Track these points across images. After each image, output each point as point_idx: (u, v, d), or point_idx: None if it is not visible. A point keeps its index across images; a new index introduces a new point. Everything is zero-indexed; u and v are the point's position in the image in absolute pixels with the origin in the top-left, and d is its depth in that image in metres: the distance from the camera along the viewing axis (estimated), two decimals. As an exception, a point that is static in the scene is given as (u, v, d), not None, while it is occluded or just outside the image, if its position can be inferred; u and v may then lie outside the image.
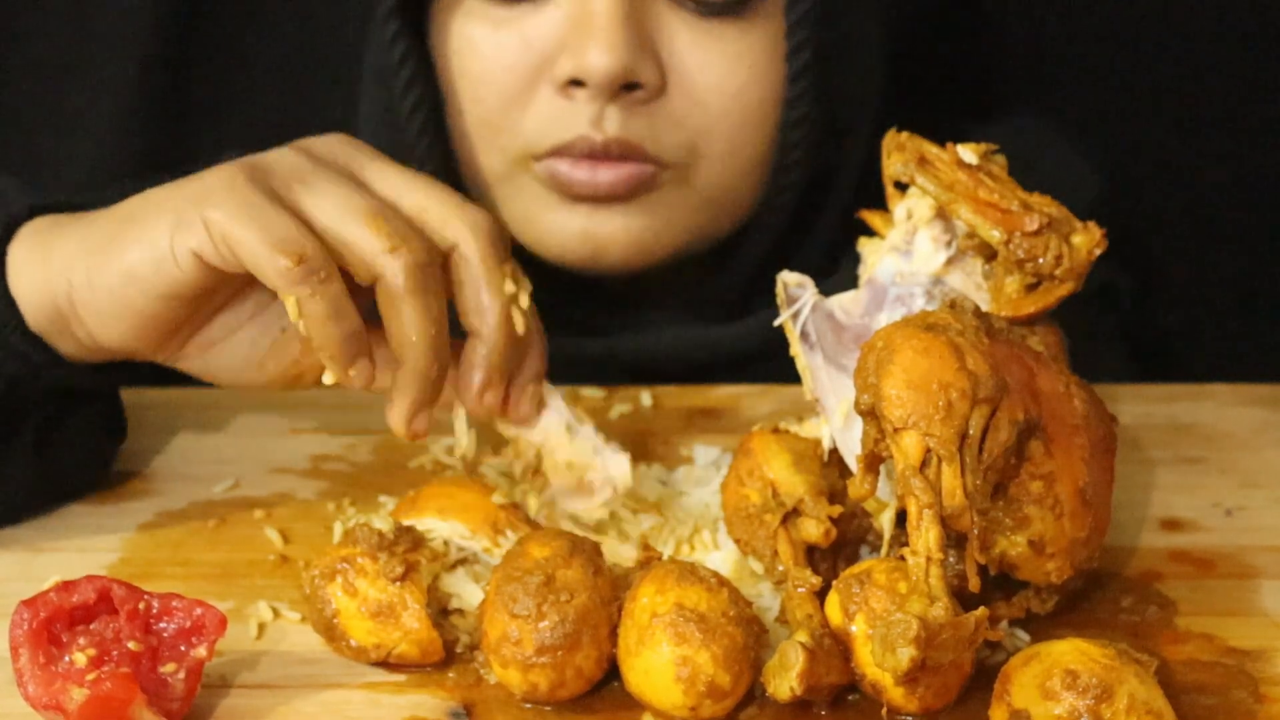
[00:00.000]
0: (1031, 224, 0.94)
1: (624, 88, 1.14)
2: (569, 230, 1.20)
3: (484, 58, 1.18)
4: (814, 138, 1.21)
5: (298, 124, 1.52)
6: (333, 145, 0.97)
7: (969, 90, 1.57)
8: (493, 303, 0.95)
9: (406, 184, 0.96)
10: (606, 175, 1.16)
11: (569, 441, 1.01)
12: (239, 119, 1.58)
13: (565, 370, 1.26)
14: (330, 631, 0.91)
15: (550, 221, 1.20)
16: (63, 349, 0.98)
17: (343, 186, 0.93)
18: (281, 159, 0.95)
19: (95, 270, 0.94)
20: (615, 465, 1.01)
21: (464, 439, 1.01)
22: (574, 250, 1.20)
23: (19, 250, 0.97)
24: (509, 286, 0.95)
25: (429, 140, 1.23)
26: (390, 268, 0.92)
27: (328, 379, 0.97)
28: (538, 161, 1.18)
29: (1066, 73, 1.58)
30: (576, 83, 1.14)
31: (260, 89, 1.58)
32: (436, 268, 0.94)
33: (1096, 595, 0.97)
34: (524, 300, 0.96)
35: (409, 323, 0.93)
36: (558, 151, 1.16)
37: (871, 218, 1.04)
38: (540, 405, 1.00)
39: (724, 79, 1.16)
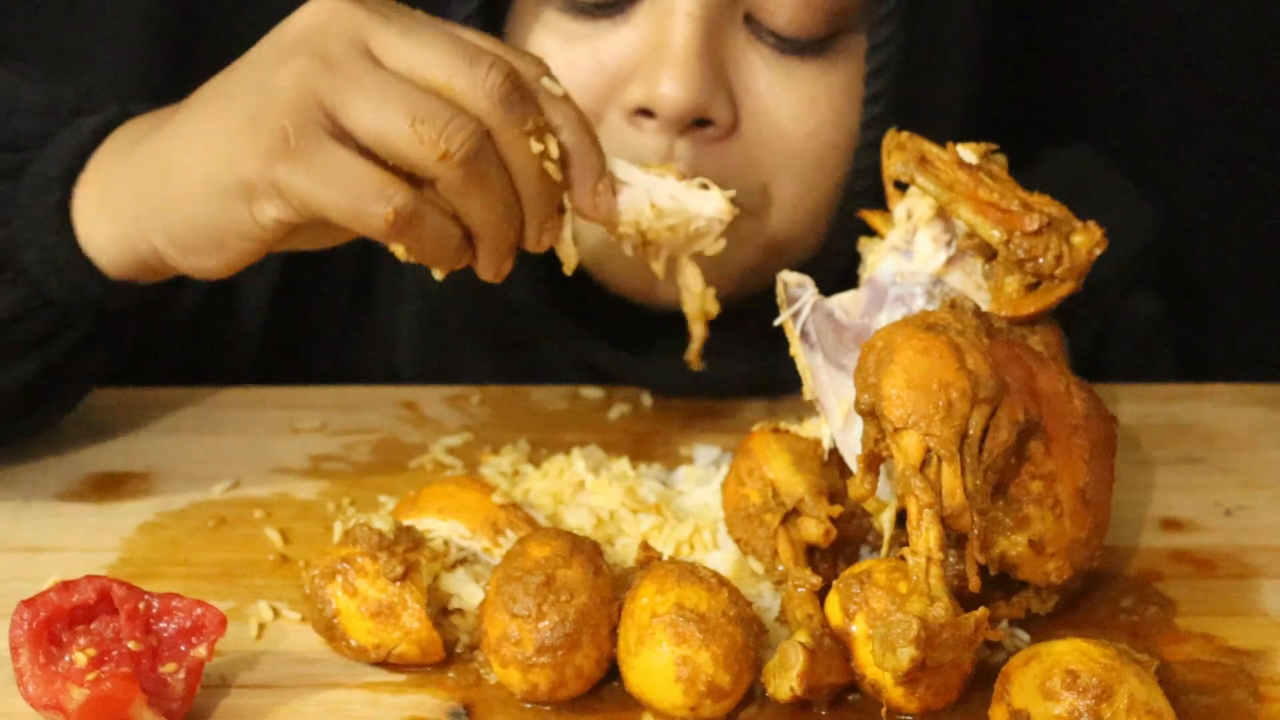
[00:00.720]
0: (1031, 224, 0.94)
1: (695, 123, 1.10)
2: (629, 261, 1.14)
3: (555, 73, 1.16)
4: (879, 184, 1.14)
5: None
6: (348, 20, 0.95)
7: (1031, 121, 1.55)
8: (522, 170, 0.95)
9: (420, 59, 0.94)
10: None
11: (658, 206, 1.01)
12: None
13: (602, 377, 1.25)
14: (330, 631, 0.91)
15: (614, 248, 1.14)
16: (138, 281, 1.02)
17: (378, 84, 0.92)
18: (322, 56, 0.93)
19: (176, 233, 0.97)
20: (706, 204, 1.01)
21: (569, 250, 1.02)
22: (632, 281, 1.17)
23: (84, 205, 1.00)
24: (535, 146, 0.95)
25: None
26: (445, 175, 0.92)
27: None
28: None
29: (1125, 105, 1.56)
30: (646, 112, 1.10)
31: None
32: (488, 146, 0.93)
33: (1096, 595, 0.97)
34: (553, 150, 0.96)
35: (477, 211, 0.94)
36: None
37: (872, 218, 1.04)
38: (613, 194, 1.00)
39: (799, 121, 1.12)
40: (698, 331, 1.07)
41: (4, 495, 1.08)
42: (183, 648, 0.86)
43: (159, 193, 0.97)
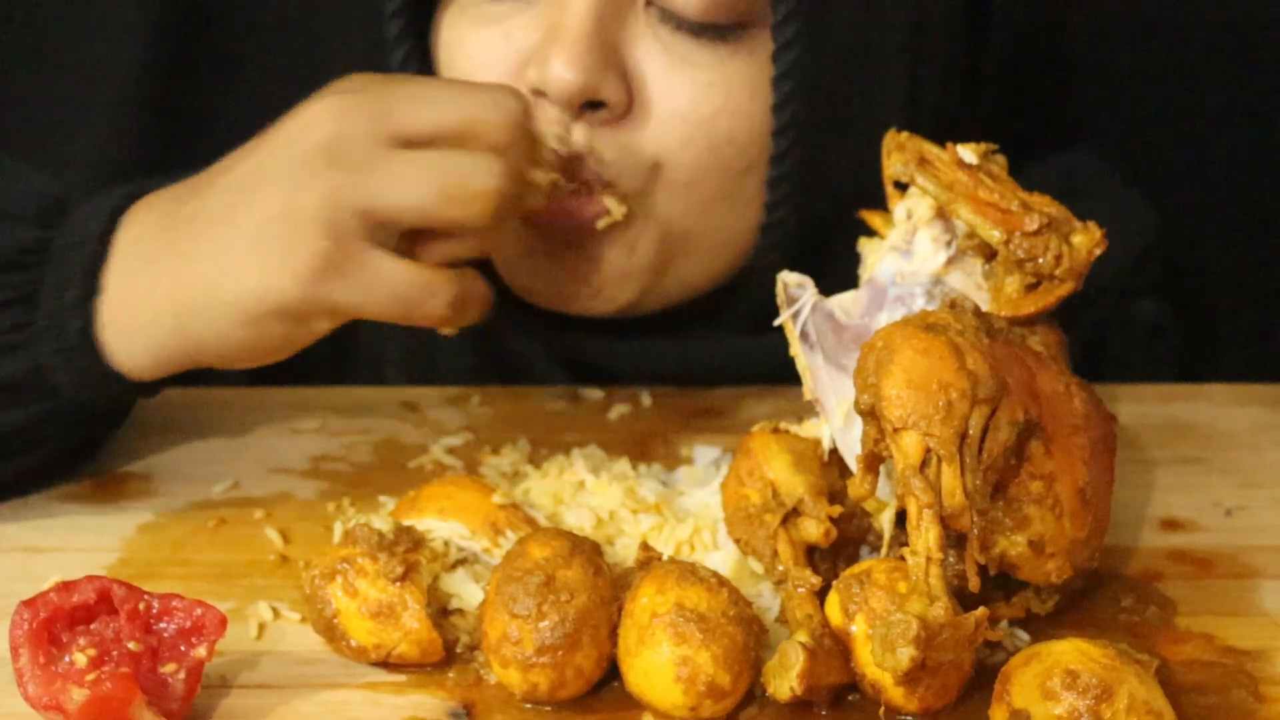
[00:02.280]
0: (1031, 224, 0.94)
1: (588, 105, 1.10)
2: (534, 256, 1.16)
3: (467, 55, 1.15)
4: (803, 197, 1.15)
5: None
6: (362, 117, 0.97)
7: (1028, 127, 1.55)
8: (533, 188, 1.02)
9: (433, 105, 0.98)
10: (562, 207, 1.12)
11: None
12: (238, 117, 1.58)
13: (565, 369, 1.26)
14: (330, 631, 0.91)
15: (524, 250, 1.16)
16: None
17: (400, 166, 0.96)
18: (340, 163, 0.95)
19: (220, 350, 0.99)
20: None
21: None
22: (537, 281, 1.17)
23: (111, 324, 1.00)
24: (539, 177, 1.01)
25: None
26: (485, 212, 0.97)
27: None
28: None
29: (1125, 109, 1.56)
30: (541, 93, 1.10)
31: (259, 85, 1.58)
32: (514, 181, 0.99)
33: (1096, 595, 0.97)
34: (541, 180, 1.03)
35: (507, 241, 1.04)
36: None
37: (871, 218, 1.04)
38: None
39: (691, 106, 1.11)
40: None
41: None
42: (183, 648, 0.86)
43: (194, 316, 0.98)
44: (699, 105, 1.12)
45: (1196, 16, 1.53)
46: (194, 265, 0.97)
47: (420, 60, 1.19)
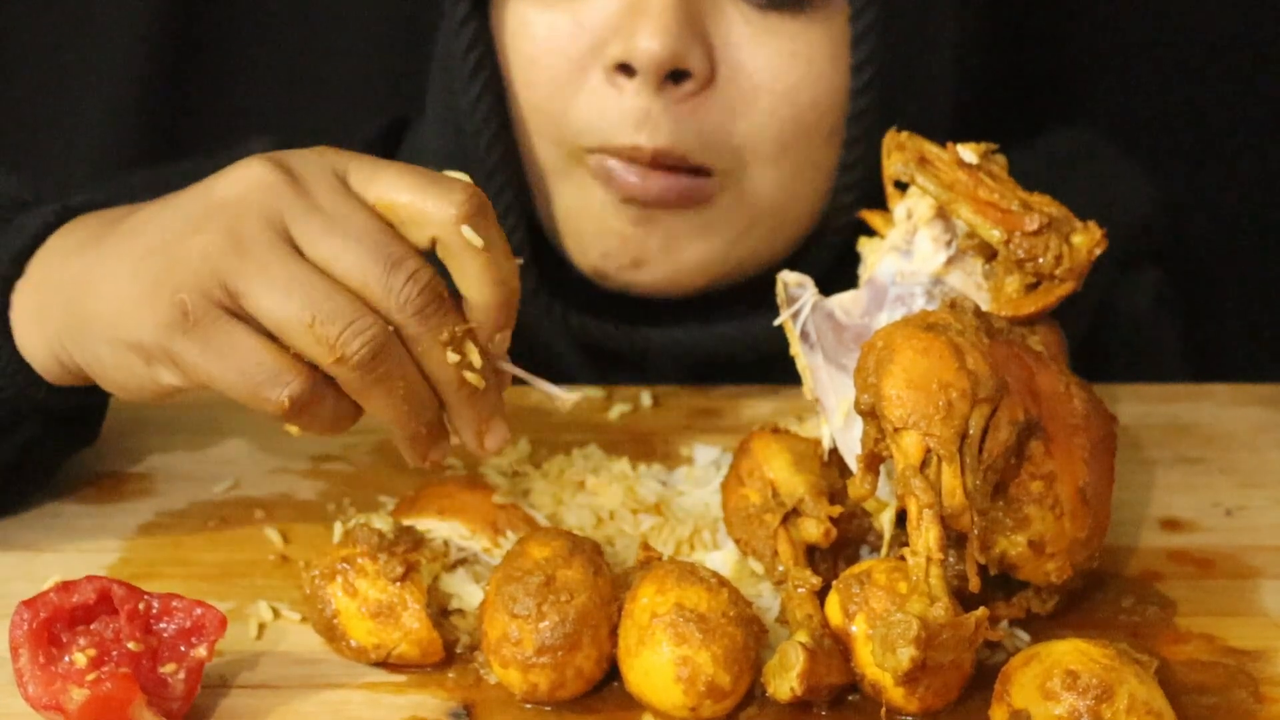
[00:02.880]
0: (1031, 224, 0.94)
1: (672, 76, 1.10)
2: (610, 235, 1.17)
3: (535, 39, 1.15)
4: (875, 155, 1.13)
5: (295, 120, 1.52)
6: (273, 199, 0.92)
7: (1031, 101, 1.55)
8: (439, 378, 0.93)
9: (339, 259, 0.91)
10: (656, 183, 1.13)
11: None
12: (236, 114, 1.58)
13: (602, 354, 1.25)
14: (330, 631, 0.91)
15: (594, 224, 1.17)
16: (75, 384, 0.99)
17: (284, 275, 0.89)
18: (233, 234, 0.90)
19: (92, 365, 0.95)
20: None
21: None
22: (615, 256, 1.18)
23: (19, 313, 0.98)
24: (450, 357, 0.92)
25: (491, 133, 1.19)
26: (342, 376, 0.91)
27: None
28: (590, 154, 1.15)
29: (1125, 84, 1.56)
30: (625, 68, 1.11)
31: (258, 83, 1.58)
32: (391, 345, 0.91)
33: (1096, 595, 0.97)
34: (474, 359, 0.93)
35: (378, 410, 0.93)
36: (607, 150, 1.14)
37: (872, 217, 1.04)
38: (505, 435, 0.99)
39: (776, 76, 1.13)
40: None
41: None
42: (183, 648, 0.86)
43: (77, 322, 0.95)
44: (783, 75, 1.13)
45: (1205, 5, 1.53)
46: (88, 271, 0.95)
47: (485, 45, 1.18)
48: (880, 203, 1.08)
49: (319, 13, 1.59)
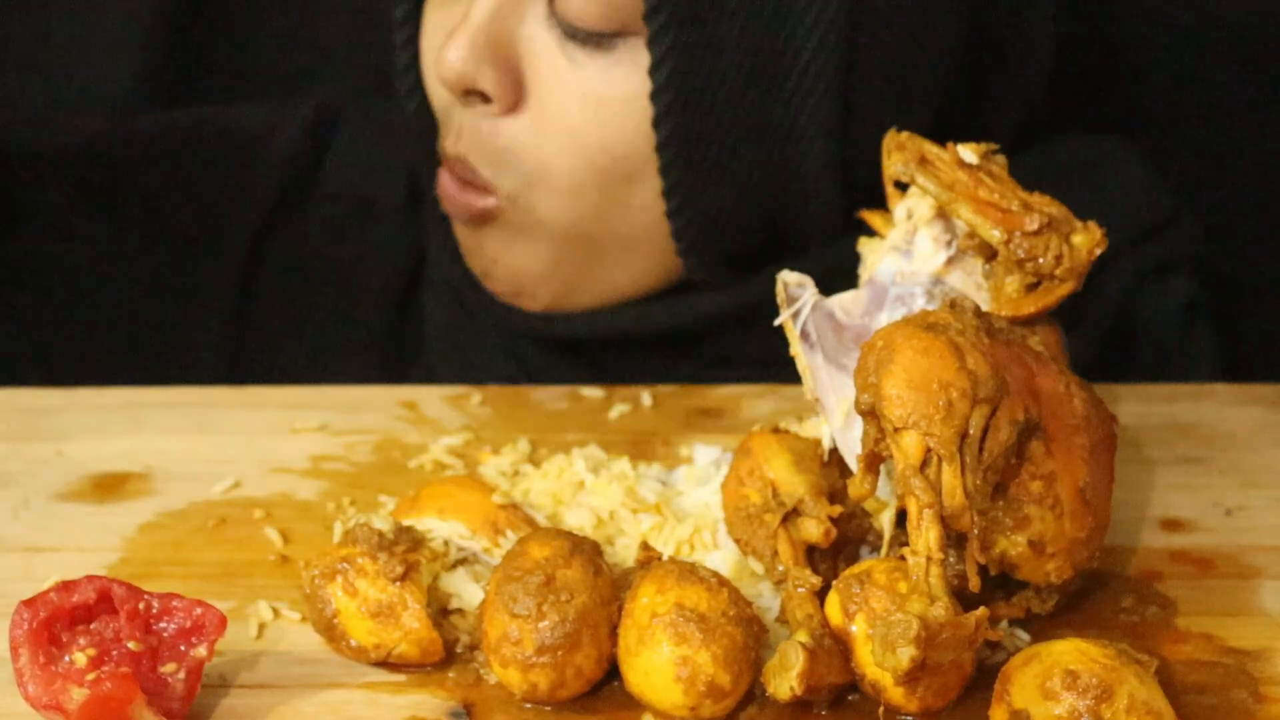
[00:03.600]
0: (1032, 223, 0.94)
1: (474, 94, 1.14)
2: (467, 240, 1.24)
3: (426, 38, 1.21)
4: (702, 205, 1.16)
5: (300, 62, 1.54)
6: None
7: (1039, 109, 1.55)
8: None
9: None
10: (455, 192, 1.19)
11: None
12: (240, 92, 1.58)
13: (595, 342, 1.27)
14: (330, 631, 0.91)
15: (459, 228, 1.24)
16: None
17: None
18: None
19: None
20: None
21: None
22: (473, 263, 1.24)
23: None
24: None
25: (416, 102, 1.24)
26: None
27: None
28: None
29: (1146, 89, 1.56)
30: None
31: (262, 62, 1.59)
32: None
33: (1096, 595, 0.97)
34: None
35: None
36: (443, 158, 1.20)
37: (871, 217, 1.04)
38: None
39: (568, 113, 1.14)
40: None
41: (4, 495, 1.08)
42: (183, 648, 0.86)
43: None
44: (572, 113, 1.14)
45: (1228, 13, 1.53)
46: None
47: (416, 23, 1.23)
48: (718, 234, 1.09)
49: None
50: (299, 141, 1.37)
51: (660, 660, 0.85)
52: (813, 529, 0.93)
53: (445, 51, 1.13)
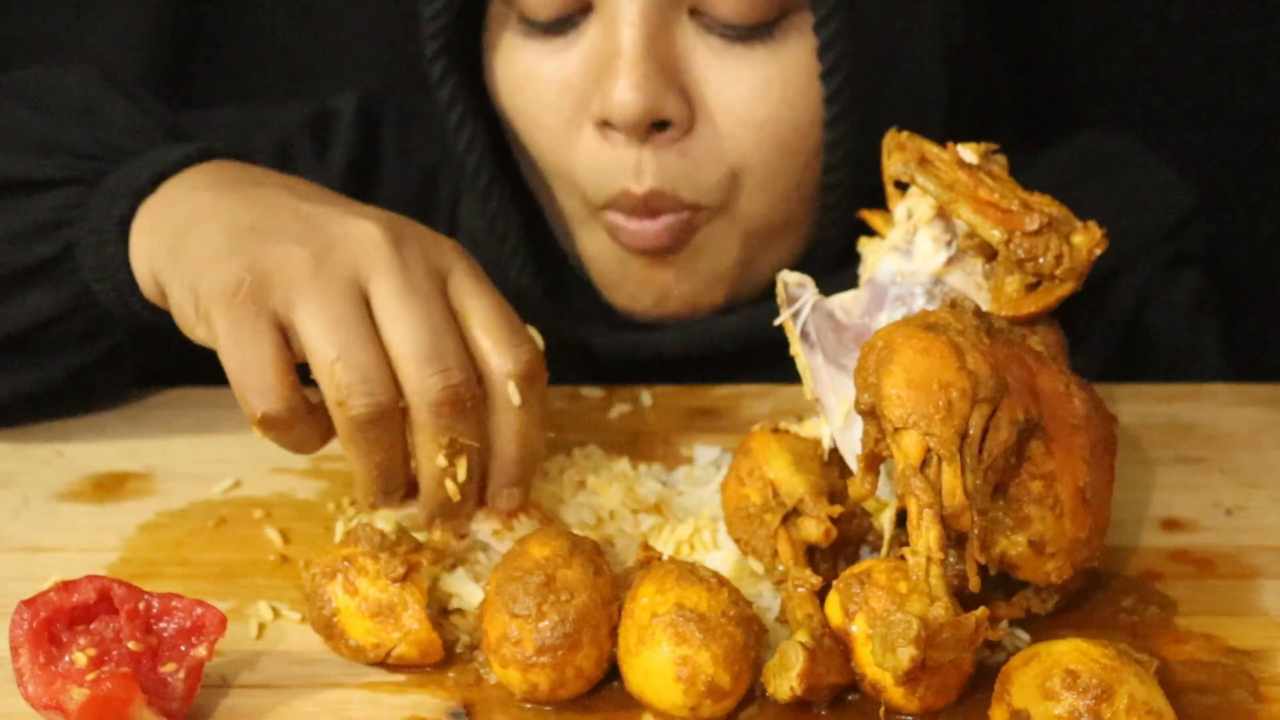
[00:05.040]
0: (1032, 224, 0.94)
1: (656, 127, 1.13)
2: (631, 280, 1.22)
3: (529, 97, 1.17)
4: (858, 154, 1.17)
5: (303, 67, 1.53)
6: (370, 253, 0.96)
7: (1056, 107, 1.55)
8: (424, 471, 0.96)
9: (394, 324, 0.94)
10: (653, 225, 1.16)
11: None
12: (243, 88, 1.58)
13: (614, 360, 1.27)
14: (329, 630, 0.91)
15: (618, 268, 1.22)
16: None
17: (336, 313, 0.94)
18: (321, 259, 0.95)
19: (166, 293, 1.01)
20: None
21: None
22: (639, 299, 1.23)
23: (139, 226, 1.05)
24: (439, 460, 0.94)
25: (487, 178, 1.24)
26: (335, 418, 0.94)
27: None
28: (599, 212, 1.18)
29: (1155, 86, 1.56)
30: (608, 123, 1.13)
31: (262, 62, 1.59)
32: (390, 418, 0.94)
33: (1096, 595, 0.97)
34: (460, 473, 0.95)
35: (351, 459, 0.96)
36: (610, 204, 1.17)
37: (872, 217, 1.04)
38: (459, 530, 1.00)
39: (754, 107, 1.14)
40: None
41: (4, 495, 1.08)
42: (183, 648, 0.86)
43: (173, 252, 1.00)
44: (760, 105, 1.14)
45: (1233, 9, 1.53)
46: (197, 213, 1.01)
47: (467, 97, 1.22)
48: (865, 197, 1.09)
49: None
50: (311, 143, 1.36)
51: (660, 660, 0.85)
52: (813, 529, 0.93)
53: (615, 95, 1.10)
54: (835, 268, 1.20)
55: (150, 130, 1.14)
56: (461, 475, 0.95)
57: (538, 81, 1.16)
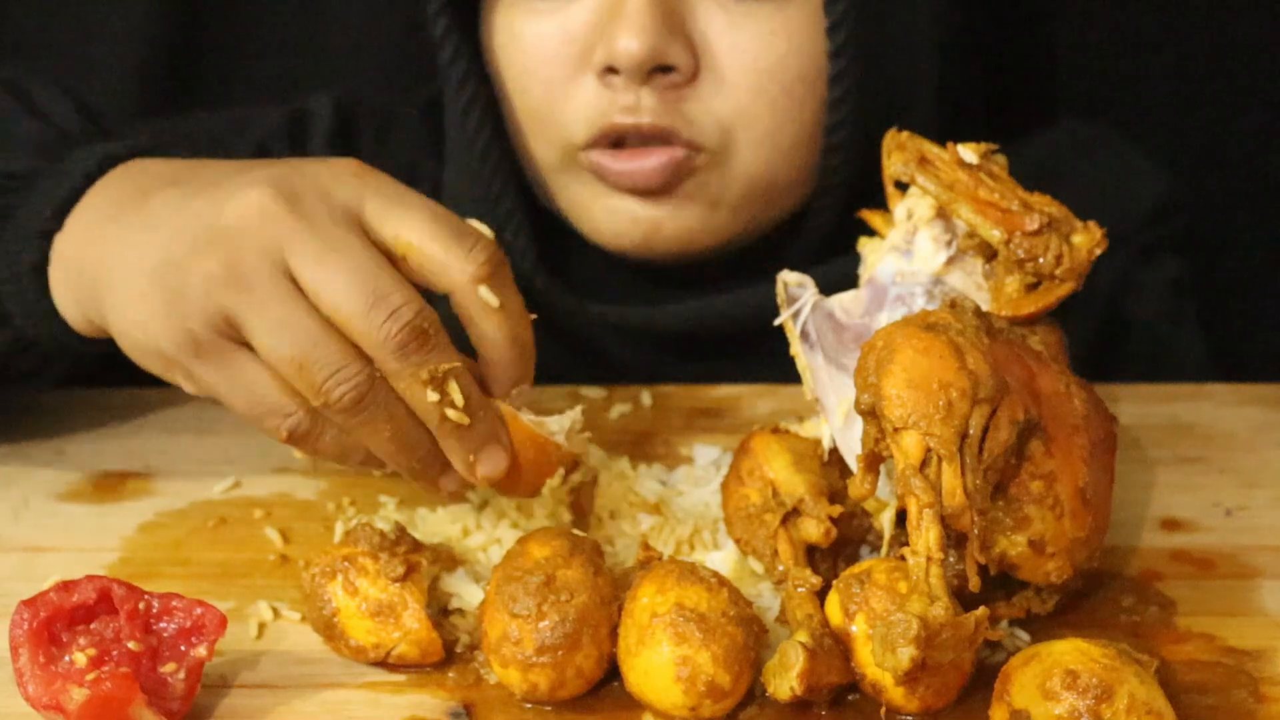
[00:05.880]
0: (1032, 223, 0.94)
1: (658, 71, 1.13)
2: (619, 217, 1.20)
3: (526, 50, 1.18)
4: (862, 114, 1.18)
5: (299, 94, 1.53)
6: (272, 228, 0.93)
7: (1033, 96, 1.56)
8: (423, 415, 0.94)
9: (328, 289, 0.92)
10: (644, 163, 1.16)
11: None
12: (243, 88, 1.58)
13: (608, 336, 1.27)
14: (329, 630, 0.91)
15: (601, 209, 1.21)
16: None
17: (278, 315, 0.91)
18: (232, 266, 0.92)
19: (120, 344, 0.98)
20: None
21: None
22: (627, 235, 1.21)
23: (55, 269, 1.01)
24: (430, 395, 0.92)
25: (487, 136, 1.23)
26: (330, 416, 0.93)
27: None
28: (582, 152, 1.18)
29: (1130, 75, 1.56)
30: (612, 70, 1.14)
31: (263, 58, 1.59)
32: (375, 390, 0.92)
33: (1096, 595, 0.97)
34: (456, 398, 0.93)
35: (370, 445, 0.95)
36: (596, 141, 1.17)
37: (872, 217, 1.04)
38: (502, 461, 0.98)
39: (758, 58, 1.15)
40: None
41: (4, 495, 1.08)
42: (183, 648, 0.86)
43: (103, 307, 0.98)
44: (765, 54, 1.15)
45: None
46: (106, 261, 0.98)
47: (469, 55, 1.22)
48: (865, 165, 1.09)
49: None
50: (317, 139, 1.36)
51: (660, 660, 0.85)
52: (813, 529, 0.93)
53: (620, 39, 1.11)
54: (830, 254, 1.21)
55: (51, 143, 1.07)
56: (458, 399, 0.93)
57: (537, 34, 1.17)
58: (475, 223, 0.97)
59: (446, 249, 0.94)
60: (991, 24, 1.51)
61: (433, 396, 0.92)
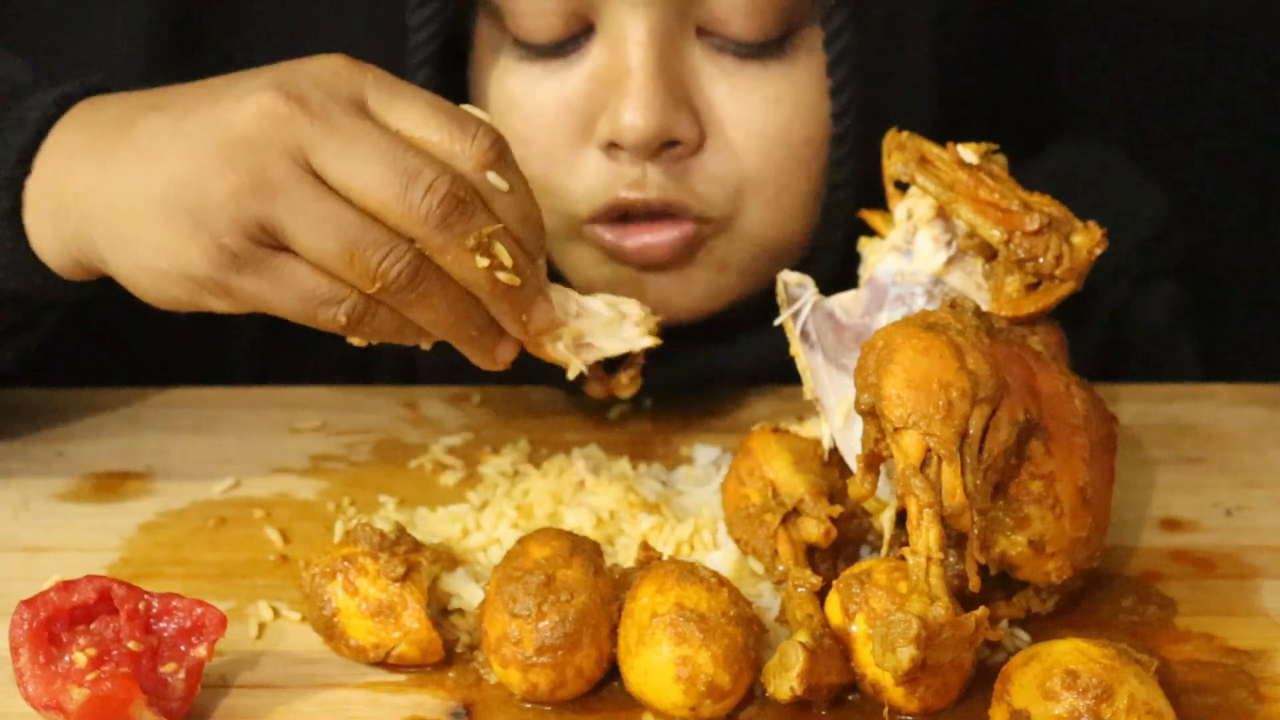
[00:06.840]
0: (1032, 223, 0.94)
1: (663, 146, 1.10)
2: (627, 289, 1.16)
3: (525, 120, 1.14)
4: (862, 171, 1.15)
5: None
6: (289, 130, 0.93)
7: (1032, 116, 1.55)
8: (474, 284, 0.94)
9: (357, 178, 0.92)
10: (657, 239, 1.13)
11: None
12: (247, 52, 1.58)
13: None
14: (329, 630, 0.91)
15: (606, 281, 1.18)
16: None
17: (315, 213, 0.91)
18: (258, 175, 0.91)
19: (126, 282, 0.97)
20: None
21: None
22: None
23: (33, 209, 0.99)
24: (480, 261, 0.92)
25: None
26: (385, 299, 0.93)
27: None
28: (586, 225, 1.15)
29: (1130, 97, 1.56)
30: (616, 145, 1.11)
31: (262, 60, 1.58)
32: (425, 264, 0.92)
33: (1096, 595, 0.97)
34: (505, 259, 0.93)
35: (427, 323, 0.94)
36: (601, 216, 1.13)
37: (872, 217, 1.04)
38: (550, 312, 0.98)
39: (765, 123, 1.12)
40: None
41: (4, 495, 1.08)
42: (183, 648, 0.86)
43: (106, 241, 0.96)
44: (771, 120, 1.12)
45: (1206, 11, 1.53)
46: (104, 190, 0.96)
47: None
48: (869, 207, 1.08)
49: None
50: None
51: (660, 660, 0.85)
52: (813, 529, 0.93)
53: (625, 117, 1.08)
54: (831, 280, 1.19)
55: (3, 97, 1.04)
56: (507, 260, 0.93)
57: (536, 103, 1.13)
58: (471, 108, 0.97)
59: (451, 137, 0.94)
60: (995, 42, 1.50)
61: (482, 262, 0.93)
